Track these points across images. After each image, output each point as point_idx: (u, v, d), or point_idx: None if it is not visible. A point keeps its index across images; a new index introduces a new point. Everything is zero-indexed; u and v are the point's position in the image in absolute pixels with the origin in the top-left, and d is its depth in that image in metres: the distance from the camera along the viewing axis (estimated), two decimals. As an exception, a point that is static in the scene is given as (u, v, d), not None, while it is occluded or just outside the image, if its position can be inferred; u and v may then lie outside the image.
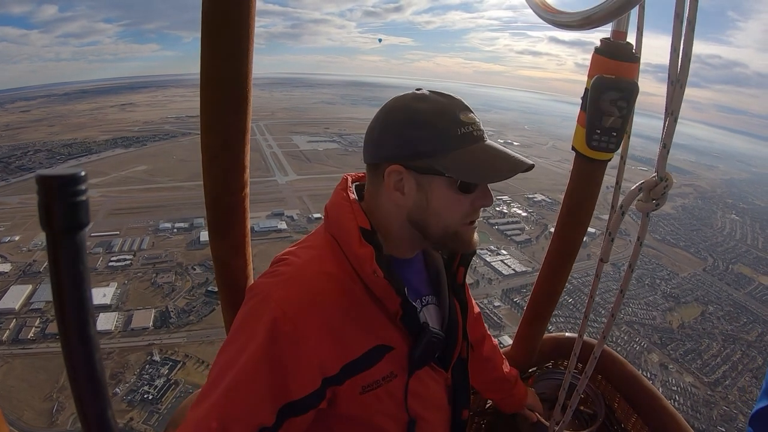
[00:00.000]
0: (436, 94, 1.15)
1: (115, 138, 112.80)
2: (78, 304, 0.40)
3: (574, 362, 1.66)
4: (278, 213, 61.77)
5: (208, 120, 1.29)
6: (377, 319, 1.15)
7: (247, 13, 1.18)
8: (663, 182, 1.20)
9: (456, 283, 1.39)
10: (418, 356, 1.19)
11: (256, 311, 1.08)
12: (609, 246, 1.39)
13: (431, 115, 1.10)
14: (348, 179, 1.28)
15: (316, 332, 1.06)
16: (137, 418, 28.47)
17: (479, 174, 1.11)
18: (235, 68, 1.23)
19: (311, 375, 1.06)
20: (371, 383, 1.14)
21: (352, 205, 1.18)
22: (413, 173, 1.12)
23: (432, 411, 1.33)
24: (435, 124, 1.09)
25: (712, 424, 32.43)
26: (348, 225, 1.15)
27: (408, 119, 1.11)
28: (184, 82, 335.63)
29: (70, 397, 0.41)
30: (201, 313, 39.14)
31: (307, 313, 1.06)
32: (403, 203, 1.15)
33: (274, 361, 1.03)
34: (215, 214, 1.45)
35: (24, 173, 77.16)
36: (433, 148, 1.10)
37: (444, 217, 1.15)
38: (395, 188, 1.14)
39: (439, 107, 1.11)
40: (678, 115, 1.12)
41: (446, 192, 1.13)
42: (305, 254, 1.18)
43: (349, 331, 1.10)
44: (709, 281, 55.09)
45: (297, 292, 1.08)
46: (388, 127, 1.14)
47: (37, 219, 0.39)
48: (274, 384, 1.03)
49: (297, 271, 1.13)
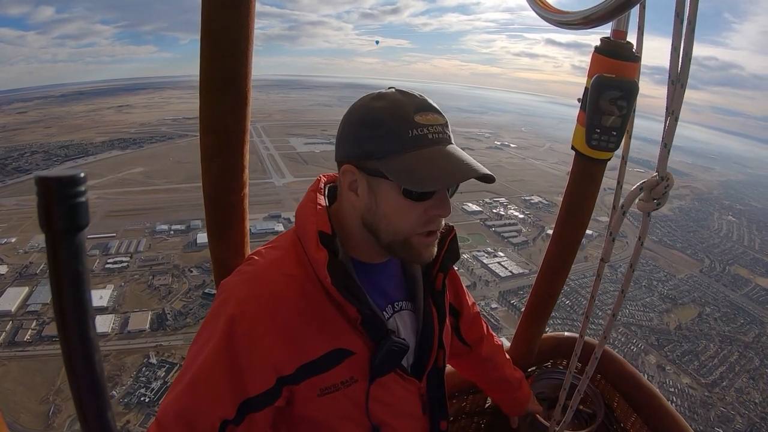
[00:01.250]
0: (400, 92, 1.11)
1: (112, 140, 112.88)
2: (77, 305, 0.40)
3: (575, 362, 1.66)
4: (275, 215, 61.72)
5: (207, 121, 1.29)
6: (337, 323, 1.14)
7: (246, 14, 1.17)
8: (664, 182, 1.20)
9: (435, 289, 1.36)
10: (378, 363, 1.17)
11: (218, 309, 1.11)
12: (610, 246, 1.39)
13: (384, 114, 1.06)
14: (321, 180, 1.28)
15: (271, 332, 1.07)
16: (134, 421, 28.42)
17: (417, 180, 1.05)
18: (235, 69, 1.23)
19: (266, 373, 1.08)
20: (329, 386, 1.14)
21: (316, 208, 1.17)
22: (364, 174, 1.09)
23: (400, 419, 1.31)
24: (386, 125, 1.05)
25: (710, 425, 32.50)
26: (309, 228, 1.14)
27: (362, 118, 1.09)
28: (180, 83, 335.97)
29: (67, 400, 0.42)
30: (198, 316, 39.07)
31: (264, 313, 1.07)
32: (357, 204, 1.14)
33: (231, 358, 1.05)
34: (214, 215, 1.44)
35: (20, 175, 77.10)
36: (382, 149, 1.06)
37: (393, 223, 1.11)
38: (350, 188, 1.13)
39: (393, 106, 1.07)
40: (678, 115, 1.12)
41: (395, 197, 1.09)
42: (270, 255, 1.20)
43: (306, 332, 1.10)
44: (706, 283, 55.29)
45: (256, 292, 1.10)
46: (346, 126, 1.13)
47: (33, 221, 0.36)
48: (231, 380, 1.05)
49: (259, 271, 1.15)
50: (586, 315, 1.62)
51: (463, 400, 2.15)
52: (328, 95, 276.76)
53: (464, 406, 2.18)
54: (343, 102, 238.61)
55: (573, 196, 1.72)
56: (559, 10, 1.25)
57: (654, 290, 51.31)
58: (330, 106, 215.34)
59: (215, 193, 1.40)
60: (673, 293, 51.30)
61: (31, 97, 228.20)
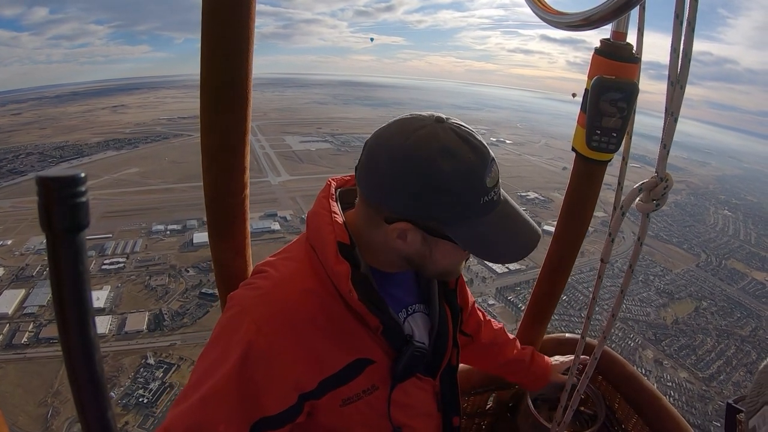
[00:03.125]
0: (467, 144, 0.99)
1: (107, 140, 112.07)
2: (78, 305, 0.40)
3: (576, 363, 1.66)
4: (271, 214, 61.51)
5: (208, 121, 1.28)
6: (357, 333, 1.13)
7: (247, 14, 1.17)
8: (663, 182, 1.20)
9: (448, 289, 1.37)
10: (401, 370, 1.17)
11: (233, 324, 1.07)
12: (610, 246, 1.39)
13: (457, 180, 0.97)
14: (332, 185, 1.23)
15: (291, 350, 1.05)
16: (132, 422, 28.32)
17: (495, 255, 1.06)
18: (236, 69, 1.23)
19: (286, 392, 1.06)
20: (351, 396, 1.13)
21: (331, 216, 1.13)
22: (422, 231, 1.04)
23: (419, 419, 1.32)
24: (458, 193, 0.98)
25: (708, 419, 32.58)
26: (326, 238, 1.10)
27: (428, 180, 0.97)
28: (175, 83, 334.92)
29: (65, 402, 0.42)
30: (195, 316, 38.96)
31: (282, 332, 1.05)
32: (402, 249, 1.09)
33: (248, 377, 1.02)
34: (215, 215, 1.44)
35: (15, 177, 76.60)
36: (451, 216, 1.01)
37: (443, 265, 1.13)
38: (398, 237, 1.06)
39: (466, 170, 0.97)
40: (678, 116, 1.12)
41: (452, 250, 1.08)
42: (285, 267, 1.16)
43: (326, 347, 1.09)
44: (702, 277, 55.35)
45: (273, 310, 1.07)
46: (402, 179, 0.99)
47: (29, 223, 0.41)
48: (246, 400, 1.02)
49: (275, 286, 1.11)
50: (588, 316, 1.62)
51: (464, 401, 2.15)
52: (323, 93, 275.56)
53: (465, 407, 2.18)
54: (338, 100, 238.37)
55: (574, 197, 1.73)
56: (558, 11, 1.25)
57: (651, 285, 51.36)
58: (325, 104, 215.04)
59: (216, 194, 1.40)
60: (670, 288, 51.34)
61: (26, 98, 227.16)
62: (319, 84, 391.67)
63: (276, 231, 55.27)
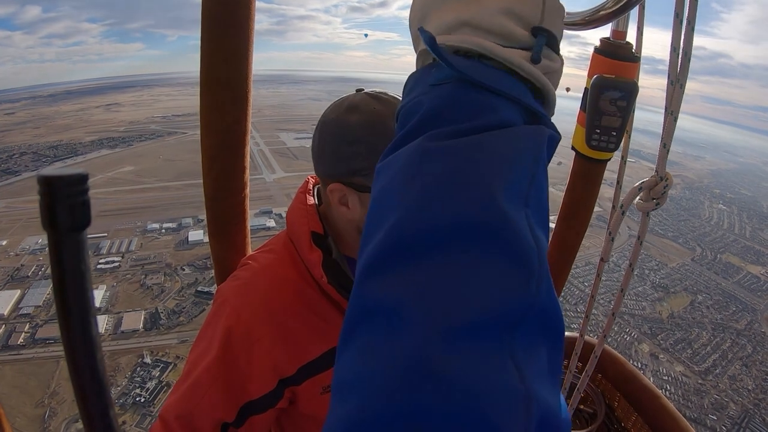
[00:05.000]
0: (373, 98, 1.08)
1: (101, 139, 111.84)
2: (80, 303, 0.40)
3: (575, 362, 1.66)
4: (266, 211, 61.32)
5: (207, 121, 1.28)
6: (335, 322, 1.15)
7: (247, 13, 1.17)
8: (663, 181, 1.20)
9: None
10: None
11: (216, 314, 1.13)
12: (609, 246, 1.39)
13: (362, 128, 1.05)
14: (309, 181, 1.30)
15: (269, 336, 1.09)
16: (130, 422, 28.31)
17: None
18: (236, 69, 1.22)
19: (266, 376, 1.10)
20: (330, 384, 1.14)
21: (307, 209, 1.19)
22: (353, 190, 1.08)
23: None
24: (368, 141, 1.05)
25: (704, 412, 32.82)
26: (301, 229, 1.17)
27: (340, 135, 1.07)
28: (169, 80, 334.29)
29: (62, 403, 0.41)
30: (191, 314, 38.95)
31: (260, 318, 1.09)
32: (350, 217, 1.12)
33: (231, 363, 1.07)
34: (215, 214, 1.44)
35: (9, 177, 76.46)
36: (367, 164, 1.05)
37: None
38: (340, 203, 1.12)
39: (371, 119, 1.05)
40: (678, 115, 1.12)
41: None
42: (264, 259, 1.22)
43: (304, 333, 1.13)
44: (697, 271, 55.69)
45: (251, 297, 1.12)
46: (323, 141, 1.11)
47: (24, 223, 0.41)
48: (231, 386, 1.07)
49: (253, 275, 1.17)
50: (587, 314, 1.62)
51: None
52: (317, 89, 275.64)
53: None
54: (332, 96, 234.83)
55: (573, 196, 1.73)
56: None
57: (646, 279, 51.65)
58: (320, 101, 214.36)
59: (216, 194, 1.40)
60: (665, 282, 51.64)
61: (19, 97, 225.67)
62: (314, 80, 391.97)
63: (271, 228, 55.05)
